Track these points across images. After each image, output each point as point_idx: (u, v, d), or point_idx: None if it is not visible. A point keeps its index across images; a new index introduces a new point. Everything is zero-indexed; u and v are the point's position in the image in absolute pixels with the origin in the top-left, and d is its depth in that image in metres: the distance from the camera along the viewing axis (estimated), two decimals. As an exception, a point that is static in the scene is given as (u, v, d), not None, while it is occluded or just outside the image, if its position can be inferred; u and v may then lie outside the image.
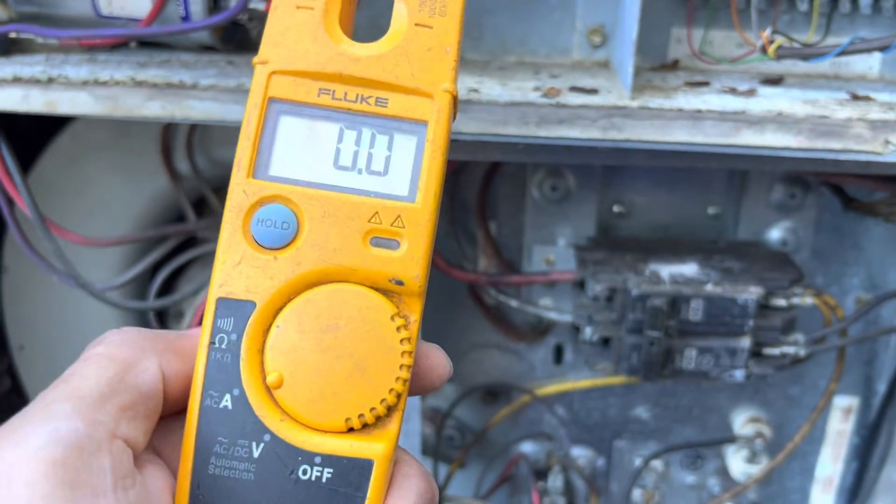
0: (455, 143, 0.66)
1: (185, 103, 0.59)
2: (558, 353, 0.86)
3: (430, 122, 0.32)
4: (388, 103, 0.33)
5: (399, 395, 0.31)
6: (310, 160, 0.32)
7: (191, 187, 0.87)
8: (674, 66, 0.70)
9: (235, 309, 0.31)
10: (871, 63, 0.69)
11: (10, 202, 0.66)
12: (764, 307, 0.68)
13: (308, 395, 0.30)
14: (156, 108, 0.59)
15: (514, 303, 0.78)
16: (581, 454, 0.91)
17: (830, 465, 0.88)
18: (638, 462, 0.90)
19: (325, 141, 0.32)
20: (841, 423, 0.86)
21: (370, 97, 0.32)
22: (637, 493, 0.91)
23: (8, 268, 0.92)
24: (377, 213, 0.32)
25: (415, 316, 0.33)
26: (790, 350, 0.69)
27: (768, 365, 0.69)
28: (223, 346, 0.31)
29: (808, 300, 0.69)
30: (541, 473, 0.89)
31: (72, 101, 0.59)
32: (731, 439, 0.85)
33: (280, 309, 0.31)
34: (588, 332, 0.71)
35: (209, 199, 0.86)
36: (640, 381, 0.69)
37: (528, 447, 0.91)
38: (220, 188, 0.94)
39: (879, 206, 0.68)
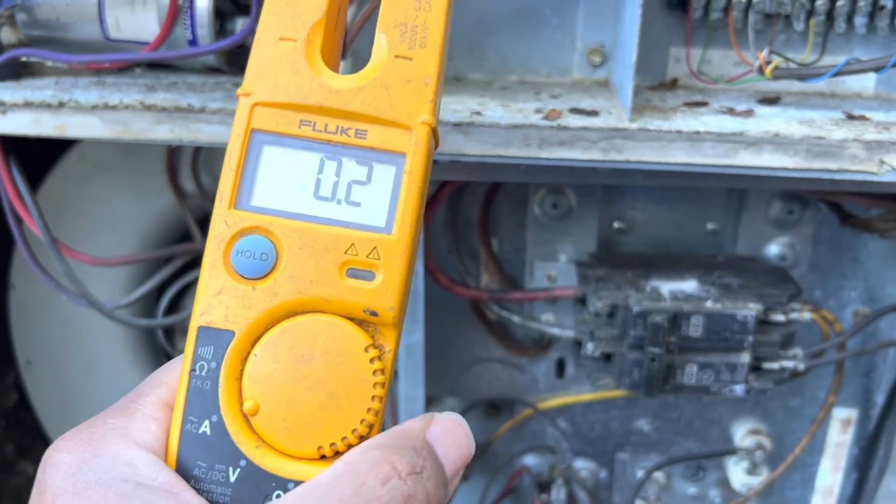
0: (458, 165, 0.67)
1: (193, 126, 0.60)
2: (560, 368, 0.87)
3: (407, 154, 0.33)
4: (367, 135, 0.33)
5: (371, 426, 0.32)
6: (290, 191, 0.33)
7: (196, 206, 0.88)
8: (672, 84, 0.71)
9: (215, 337, 0.32)
10: (866, 81, 0.70)
11: (20, 221, 0.67)
12: (763, 322, 0.69)
13: (282, 423, 0.31)
14: (165, 132, 0.60)
15: (516, 318, 0.79)
16: (583, 466, 0.92)
17: (830, 475, 0.89)
18: (640, 474, 0.91)
19: (306, 171, 0.33)
20: (840, 434, 0.87)
21: (350, 129, 0.33)
22: (639, 505, 0.92)
23: (15, 285, 0.93)
24: (353, 244, 0.32)
25: (390, 346, 0.33)
26: (789, 364, 0.70)
27: (768, 379, 0.70)
28: (203, 374, 0.32)
29: (807, 315, 0.70)
30: (544, 486, 0.90)
31: (82, 125, 0.60)
32: (732, 451, 0.85)
33: (258, 338, 0.32)
34: (590, 347, 0.72)
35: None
36: (642, 397, 0.70)
37: (530, 460, 0.92)
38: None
39: (876, 222, 0.69)
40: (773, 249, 0.77)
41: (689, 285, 0.70)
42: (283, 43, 0.33)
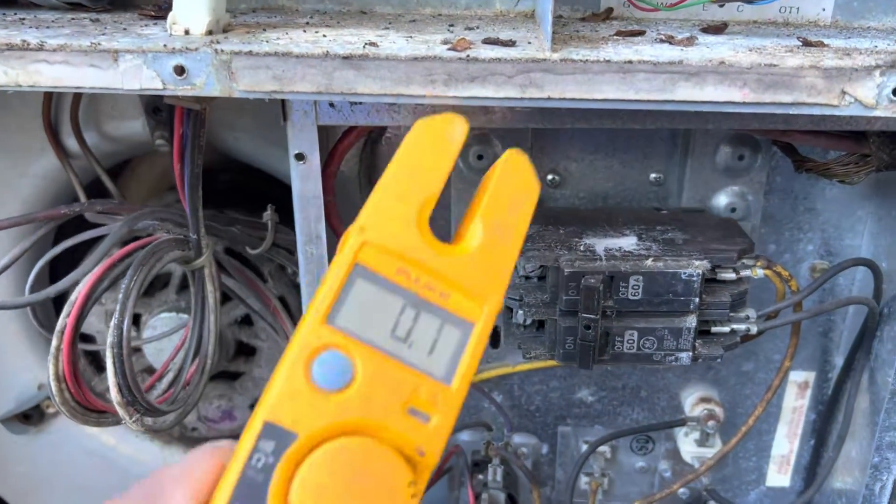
0: (360, 107, 0.58)
1: (31, 68, 0.50)
2: (494, 337, 0.79)
3: (476, 324, 0.37)
4: (448, 298, 0.37)
5: None
6: (374, 322, 0.36)
7: (82, 167, 0.77)
8: (607, 14, 0.63)
9: (279, 435, 0.34)
10: (823, 5, 0.62)
11: None
12: (711, 281, 0.61)
13: None
14: (-6, 74, 0.50)
15: (441, 284, 0.70)
16: (523, 442, 0.85)
17: (787, 443, 0.83)
18: (584, 448, 0.84)
19: (389, 310, 0.37)
20: (797, 399, 0.81)
21: (436, 288, 0.37)
22: (584, 481, 0.85)
23: None
24: (419, 386, 0.36)
25: (422, 486, 0.36)
26: (741, 327, 0.63)
27: (717, 345, 0.63)
28: (259, 466, 0.33)
29: (760, 272, 0.62)
30: (480, 465, 0.83)
31: None
32: (682, 422, 0.79)
33: (317, 445, 0.34)
34: (519, 315, 0.64)
35: (104, 181, 0.77)
36: (576, 368, 0.62)
37: (465, 438, 0.84)
38: (116, 167, 0.85)
39: (835, 165, 0.61)
40: (722, 200, 0.70)
41: (628, 242, 0.62)
42: (402, 203, 0.38)
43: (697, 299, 0.60)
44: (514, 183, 0.42)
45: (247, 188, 0.93)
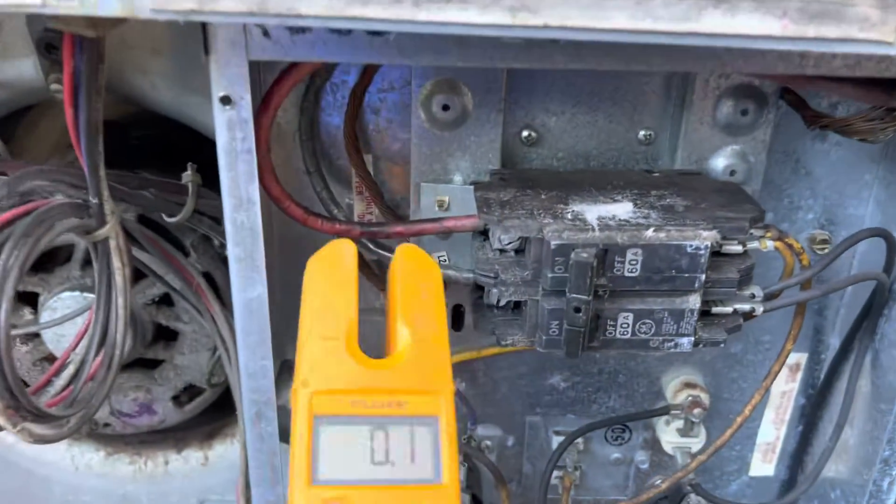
0: (301, 36, 0.46)
1: None
2: (457, 317, 0.70)
3: (440, 416, 0.41)
4: (406, 405, 0.41)
5: None
6: (353, 461, 0.40)
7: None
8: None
9: None
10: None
11: None
12: (715, 255, 0.53)
13: None
14: None
15: (398, 258, 0.60)
16: (487, 434, 0.76)
17: (773, 429, 0.76)
18: (554, 439, 0.75)
19: (361, 443, 0.40)
20: (787, 382, 0.74)
21: (392, 402, 0.41)
22: (555, 475, 0.77)
23: None
24: (417, 496, 0.40)
25: None
26: (745, 307, 0.55)
27: (720, 328, 0.55)
28: None
29: (770, 244, 0.54)
30: (440, 461, 0.73)
31: None
32: (665, 410, 0.71)
33: None
34: (494, 294, 0.54)
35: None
36: (563, 357, 0.53)
37: (423, 431, 0.74)
38: (8, 120, 0.72)
39: (857, 121, 0.53)
40: (721, 162, 0.61)
41: (622, 209, 0.53)
42: (330, 342, 0.43)
43: (703, 276, 0.51)
44: (417, 275, 0.47)
45: (171, 148, 0.80)
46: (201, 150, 0.67)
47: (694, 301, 0.52)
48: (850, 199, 0.66)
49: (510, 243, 0.53)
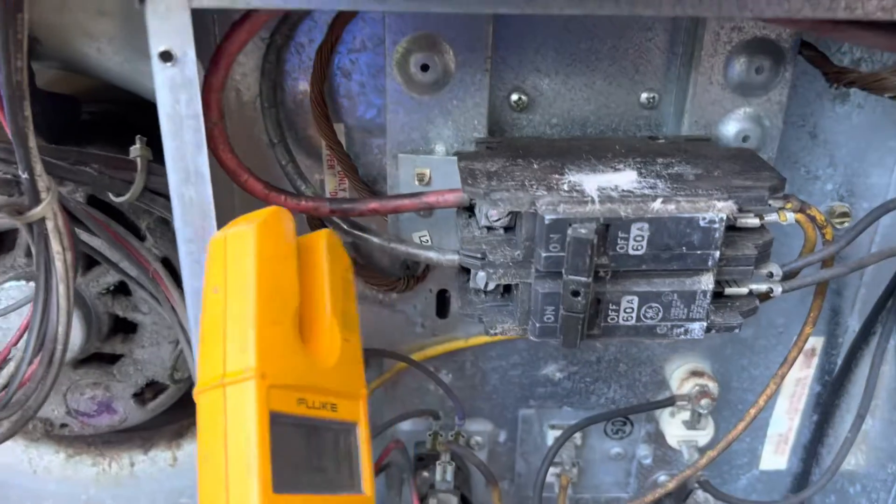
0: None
1: None
2: (442, 303, 0.64)
3: (359, 423, 0.42)
4: (337, 408, 0.41)
5: None
6: (299, 469, 0.38)
7: None
8: None
9: None
10: None
11: None
12: (730, 229, 0.47)
13: None
14: None
15: (375, 239, 0.53)
16: (478, 430, 0.70)
17: (786, 419, 0.70)
18: (550, 434, 0.70)
19: (303, 449, 0.39)
20: (801, 369, 0.68)
21: (327, 404, 0.40)
22: (551, 472, 0.71)
23: None
24: None
25: None
26: (761, 288, 0.49)
27: (734, 311, 0.49)
28: None
29: (790, 216, 0.48)
30: (426, 459, 0.67)
31: None
32: (669, 401, 0.65)
33: None
34: (481, 278, 0.48)
35: None
36: (559, 346, 0.47)
37: (408, 428, 0.69)
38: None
39: (889, 76, 0.47)
40: (732, 127, 0.55)
41: (625, 179, 0.47)
42: (280, 326, 0.39)
43: (718, 252, 0.45)
44: (339, 266, 0.44)
45: (127, 124, 0.73)
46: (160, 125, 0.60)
47: (707, 281, 0.46)
48: (873, 167, 0.60)
49: (498, 219, 0.47)
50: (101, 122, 0.73)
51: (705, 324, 0.47)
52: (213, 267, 0.41)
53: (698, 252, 0.45)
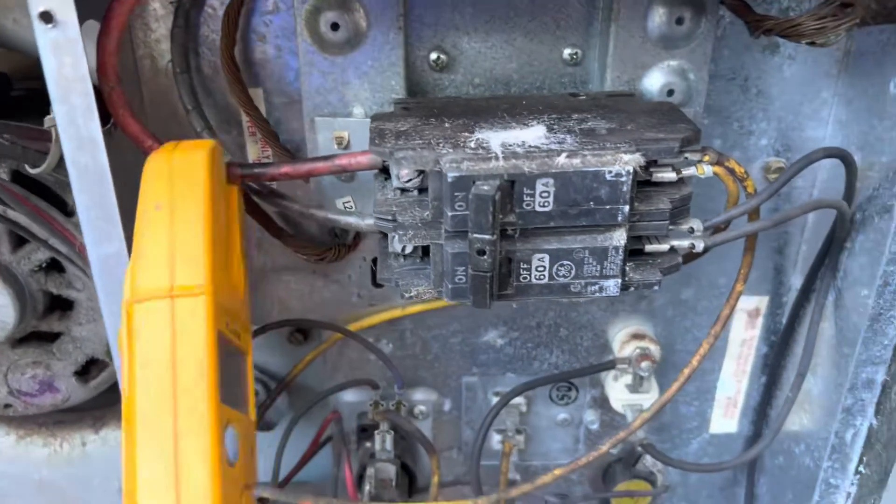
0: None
1: None
2: (375, 272, 0.63)
3: (246, 354, 0.45)
4: (239, 336, 0.44)
5: None
6: (229, 387, 0.40)
7: None
8: None
9: None
10: None
11: None
12: (644, 184, 0.46)
13: None
14: None
15: (294, 206, 0.52)
16: (421, 399, 0.69)
17: (734, 382, 0.70)
18: (495, 401, 0.69)
19: (228, 371, 0.40)
20: (746, 329, 0.67)
21: (236, 330, 0.43)
22: (496, 440, 0.71)
23: None
24: (244, 426, 0.43)
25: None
26: (683, 244, 0.48)
27: (654, 268, 0.48)
28: None
29: (707, 169, 0.47)
30: (369, 429, 0.67)
31: None
32: (611, 364, 0.64)
33: None
34: (395, 241, 0.47)
35: None
36: (471, 307, 0.46)
37: (349, 399, 0.68)
38: None
39: (807, 20, 0.46)
40: (657, 80, 0.54)
41: (533, 135, 0.46)
42: (217, 246, 0.41)
43: (627, 207, 0.44)
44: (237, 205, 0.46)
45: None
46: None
47: (619, 237, 0.45)
48: (808, 120, 0.58)
49: (409, 180, 0.46)
50: (34, 97, 0.72)
51: (620, 281, 0.46)
52: (155, 184, 0.41)
53: (607, 207, 0.44)
